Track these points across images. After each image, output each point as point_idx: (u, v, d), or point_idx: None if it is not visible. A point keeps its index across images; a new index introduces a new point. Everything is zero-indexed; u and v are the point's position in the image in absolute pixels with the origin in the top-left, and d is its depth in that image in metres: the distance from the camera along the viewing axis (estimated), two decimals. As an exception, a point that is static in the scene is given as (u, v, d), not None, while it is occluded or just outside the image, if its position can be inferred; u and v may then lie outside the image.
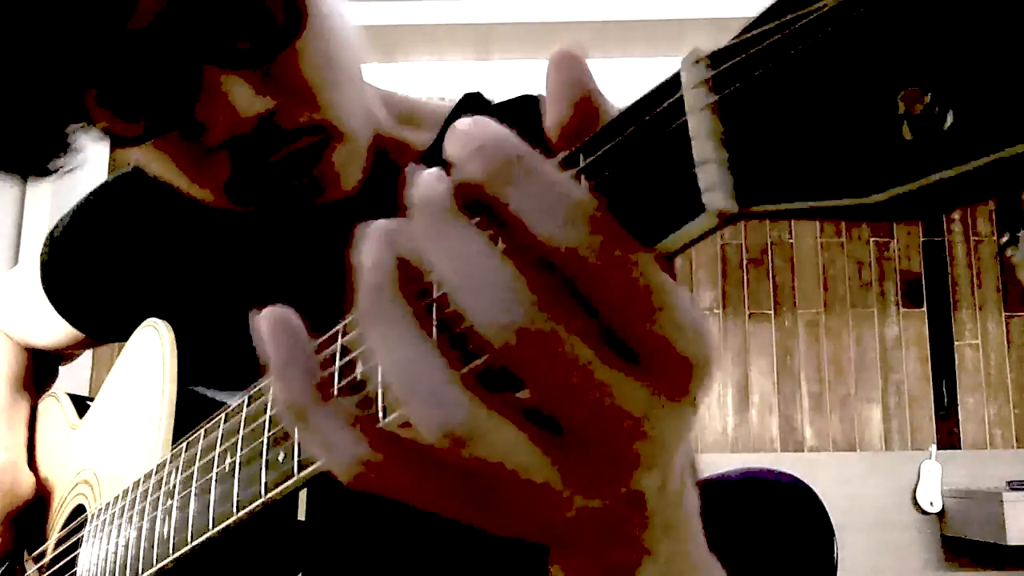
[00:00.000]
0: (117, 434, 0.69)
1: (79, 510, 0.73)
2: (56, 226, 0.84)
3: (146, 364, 0.65)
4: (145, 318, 0.70)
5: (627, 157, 0.25)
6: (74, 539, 0.71)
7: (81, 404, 0.83)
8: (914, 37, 0.18)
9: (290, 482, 0.38)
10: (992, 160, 0.17)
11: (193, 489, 0.49)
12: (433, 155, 0.64)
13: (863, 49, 0.19)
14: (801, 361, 3.15)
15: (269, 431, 0.41)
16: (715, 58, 0.22)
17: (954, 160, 0.17)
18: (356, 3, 0.61)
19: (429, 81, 3.08)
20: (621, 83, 3.56)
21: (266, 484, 0.40)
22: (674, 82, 0.24)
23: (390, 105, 0.68)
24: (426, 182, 0.26)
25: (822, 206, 0.20)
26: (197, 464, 0.50)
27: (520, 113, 0.67)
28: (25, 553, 0.82)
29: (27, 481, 0.81)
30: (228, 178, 0.53)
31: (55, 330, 0.87)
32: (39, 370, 0.94)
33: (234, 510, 0.44)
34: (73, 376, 1.02)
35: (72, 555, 0.70)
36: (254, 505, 0.42)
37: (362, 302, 0.27)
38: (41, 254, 0.85)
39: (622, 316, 0.24)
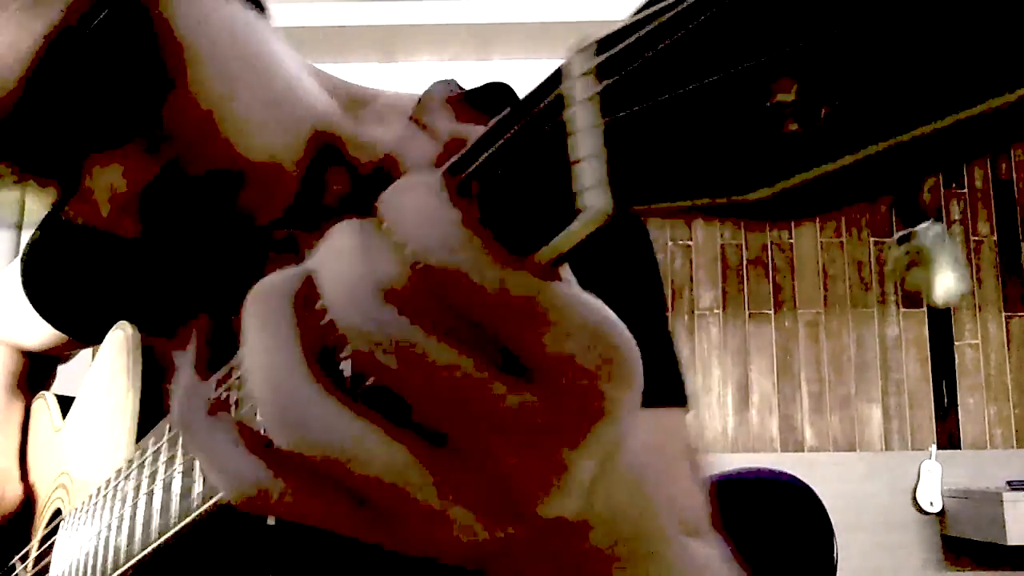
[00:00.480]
0: (88, 437, 0.69)
1: (57, 513, 0.74)
2: (36, 229, 0.85)
3: (115, 366, 0.66)
4: (121, 317, 0.70)
5: (506, 159, 0.23)
6: (50, 542, 0.72)
7: (66, 404, 0.84)
8: (783, 22, 0.16)
9: (220, 495, 0.37)
10: (870, 153, 0.16)
11: (142, 497, 0.49)
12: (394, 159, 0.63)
13: (736, 36, 0.17)
14: (801, 361, 3.15)
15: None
16: (602, 44, 0.21)
17: (829, 155, 0.16)
18: (356, 3, 0.60)
19: (429, 81, 3.08)
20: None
21: (203, 495, 0.40)
22: (558, 73, 0.22)
23: (349, 99, 0.66)
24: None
25: (703, 204, 0.19)
26: (145, 473, 0.50)
27: (490, 101, 0.66)
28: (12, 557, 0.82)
29: (13, 492, 0.81)
30: (138, 230, 0.52)
31: (40, 332, 0.87)
32: (35, 371, 0.94)
33: (173, 521, 0.43)
34: (71, 375, 1.02)
35: (47, 560, 0.71)
36: (188, 519, 0.41)
37: (248, 301, 0.26)
38: (21, 256, 0.85)
39: (501, 329, 0.23)
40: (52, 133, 0.46)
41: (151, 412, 0.59)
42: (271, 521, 0.54)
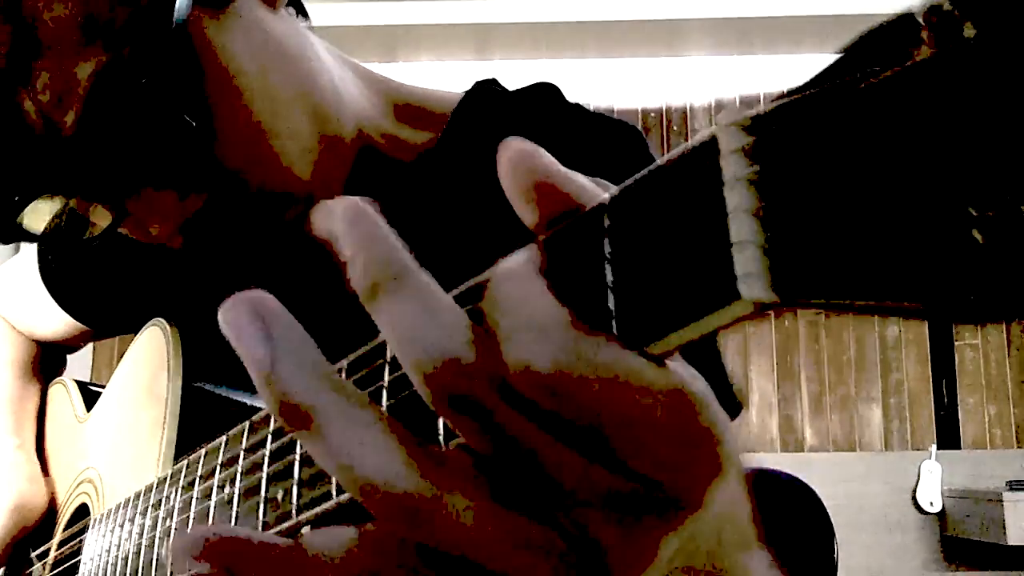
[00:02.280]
0: (122, 435, 0.69)
1: (82, 509, 0.73)
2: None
3: (151, 365, 0.65)
4: (146, 310, 0.70)
5: (653, 221, 0.22)
6: (76, 542, 0.71)
7: (88, 394, 0.83)
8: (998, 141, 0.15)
9: (287, 524, 0.37)
10: None
11: (192, 514, 0.49)
12: (436, 154, 0.64)
13: (937, 131, 0.16)
14: (801, 361, 3.15)
15: (268, 467, 0.40)
16: (756, 123, 0.20)
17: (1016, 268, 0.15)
18: (356, 3, 0.60)
19: (429, 81, 3.08)
20: (621, 83, 3.55)
21: (265, 522, 0.39)
22: (711, 146, 0.20)
23: (394, 99, 0.67)
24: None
25: (876, 306, 0.17)
26: (197, 488, 0.49)
27: (536, 104, 0.65)
28: (30, 549, 0.82)
29: (41, 503, 0.81)
30: (183, 246, 0.53)
31: (56, 322, 0.86)
32: (47, 359, 0.94)
33: None
34: (76, 360, 1.01)
35: (74, 560, 0.70)
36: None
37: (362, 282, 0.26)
38: (38, 246, 0.84)
39: (612, 430, 0.22)
40: (107, 166, 0.47)
41: (192, 416, 0.59)
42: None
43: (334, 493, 0.33)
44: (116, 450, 0.69)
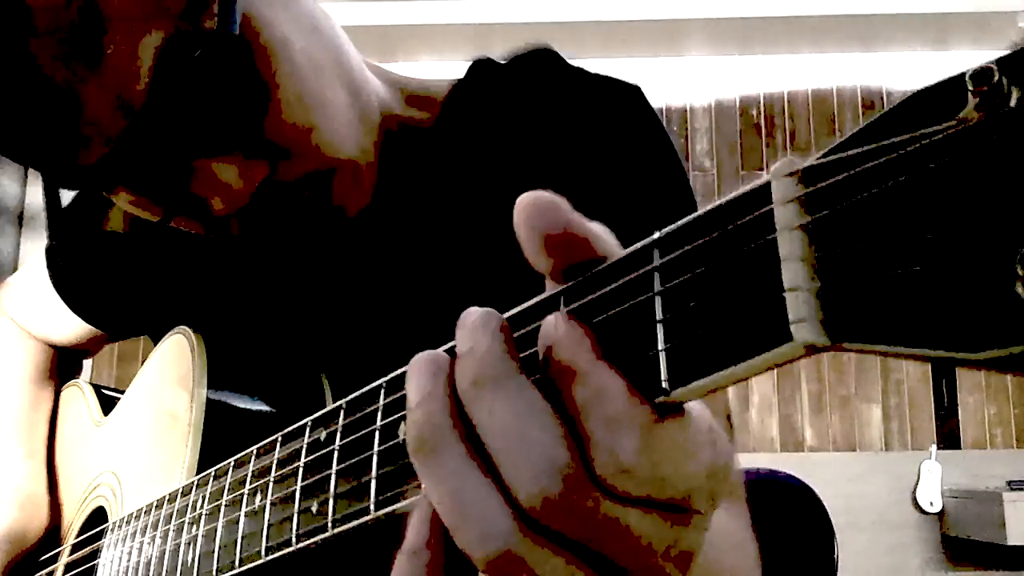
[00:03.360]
0: (144, 439, 0.68)
1: (98, 512, 0.73)
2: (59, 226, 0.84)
3: (175, 373, 0.65)
4: (159, 310, 0.70)
5: (705, 263, 0.22)
6: (93, 546, 0.71)
7: (104, 398, 0.83)
8: None
9: (321, 536, 0.37)
10: None
11: (220, 522, 0.49)
12: (438, 131, 0.65)
13: (985, 192, 0.16)
14: (801, 361, 3.15)
15: (303, 480, 0.40)
16: (808, 174, 0.20)
17: None
18: (356, 3, 0.61)
19: (429, 81, 3.08)
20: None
21: (297, 534, 0.39)
22: (763, 193, 0.21)
23: (399, 86, 0.69)
24: (481, 334, 0.27)
25: (921, 354, 0.18)
26: (226, 497, 0.49)
27: (532, 68, 0.65)
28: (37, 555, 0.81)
29: (38, 525, 0.81)
30: (239, 234, 0.55)
31: (71, 327, 0.86)
32: (63, 363, 0.93)
33: (262, 553, 0.43)
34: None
35: (91, 563, 0.70)
36: (283, 552, 0.41)
37: (410, 436, 0.27)
38: (46, 253, 0.84)
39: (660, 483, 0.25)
40: (166, 138, 0.48)
41: (217, 424, 0.59)
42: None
43: (372, 509, 0.33)
44: (138, 454, 0.68)
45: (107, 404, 0.81)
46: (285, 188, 0.52)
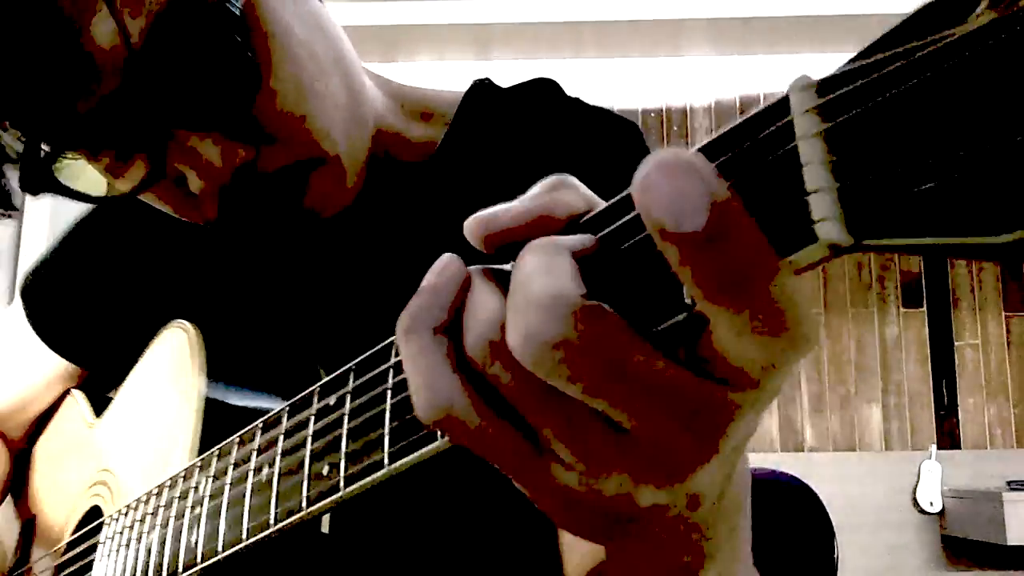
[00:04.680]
0: (141, 434, 0.68)
1: (94, 511, 0.72)
2: (36, 262, 0.83)
3: (172, 365, 0.65)
4: (144, 329, 0.69)
5: (734, 172, 0.23)
6: (90, 542, 0.70)
7: (97, 401, 0.82)
8: None
9: (333, 498, 0.37)
10: None
11: (225, 498, 0.49)
12: (443, 155, 0.64)
13: (995, 83, 0.17)
14: (801, 361, 3.15)
15: (312, 445, 0.40)
16: (824, 85, 0.21)
17: None
18: (356, 3, 0.61)
19: (429, 81, 3.08)
20: (621, 83, 3.55)
21: (308, 497, 0.40)
22: (783, 106, 0.23)
23: (399, 98, 0.68)
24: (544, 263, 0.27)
25: (944, 243, 0.19)
26: (231, 474, 0.49)
27: (536, 99, 0.66)
28: (33, 553, 0.81)
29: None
30: (217, 217, 0.54)
31: (46, 369, 0.84)
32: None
33: (271, 522, 0.43)
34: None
35: (88, 559, 0.70)
36: (293, 519, 0.41)
37: (401, 332, 0.29)
38: (21, 289, 0.83)
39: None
40: (151, 105, 0.48)
41: (215, 417, 0.58)
42: (325, 529, 0.54)
43: (386, 462, 0.33)
44: (134, 450, 0.68)
45: (100, 406, 0.80)
46: (263, 178, 0.52)
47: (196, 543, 0.51)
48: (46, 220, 2.35)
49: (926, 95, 0.19)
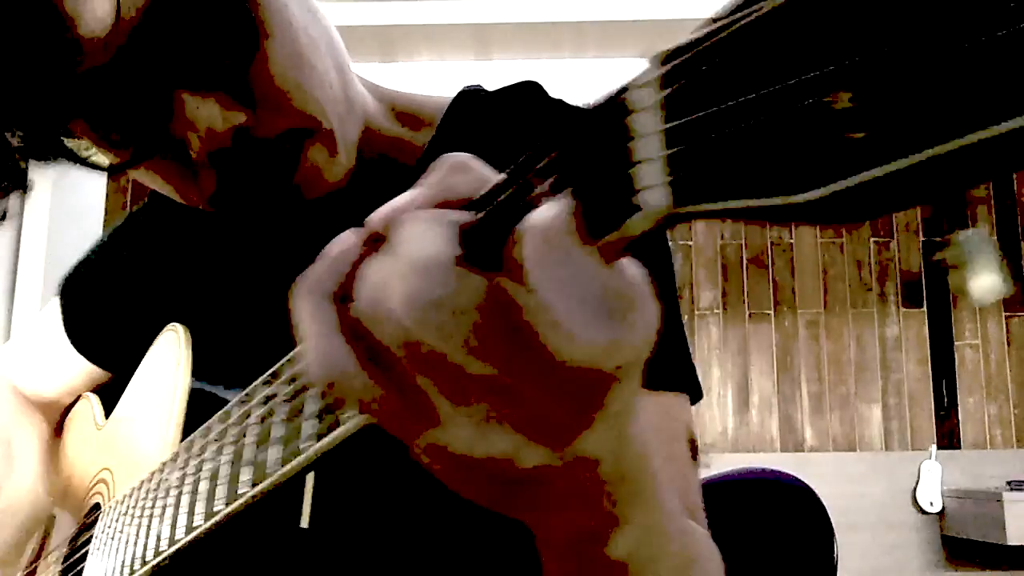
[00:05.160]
0: (133, 431, 0.70)
1: (96, 508, 0.74)
2: (72, 266, 0.86)
3: (163, 365, 0.67)
4: (156, 326, 0.71)
5: (577, 154, 0.25)
6: (86, 536, 0.72)
7: (108, 403, 0.84)
8: (840, 39, 0.18)
9: (270, 479, 0.39)
10: (916, 162, 0.17)
11: (187, 488, 0.50)
12: (431, 154, 0.65)
13: (796, 49, 0.18)
14: (801, 361, 3.15)
15: (252, 434, 0.42)
16: (669, 56, 0.22)
17: (876, 160, 0.17)
18: (356, 3, 0.62)
19: (429, 81, 3.08)
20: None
21: (252, 481, 0.41)
22: (624, 86, 0.24)
23: (388, 101, 0.69)
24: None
25: (751, 206, 0.20)
26: (191, 465, 0.50)
27: (520, 101, 0.67)
28: (48, 550, 0.83)
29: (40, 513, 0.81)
30: (215, 190, 0.55)
31: (67, 375, 0.87)
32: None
33: (220, 508, 0.44)
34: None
35: (83, 551, 0.71)
36: (238, 503, 0.42)
37: (298, 297, 0.30)
38: (59, 292, 0.86)
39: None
40: (153, 67, 0.49)
41: (199, 409, 0.59)
42: (304, 524, 0.54)
43: (311, 444, 0.36)
44: (128, 447, 0.70)
45: (111, 409, 0.82)
46: (259, 144, 0.53)
47: (161, 534, 0.52)
48: (45, 220, 2.35)
49: (738, 57, 0.20)
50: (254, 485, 0.41)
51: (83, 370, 0.86)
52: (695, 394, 0.59)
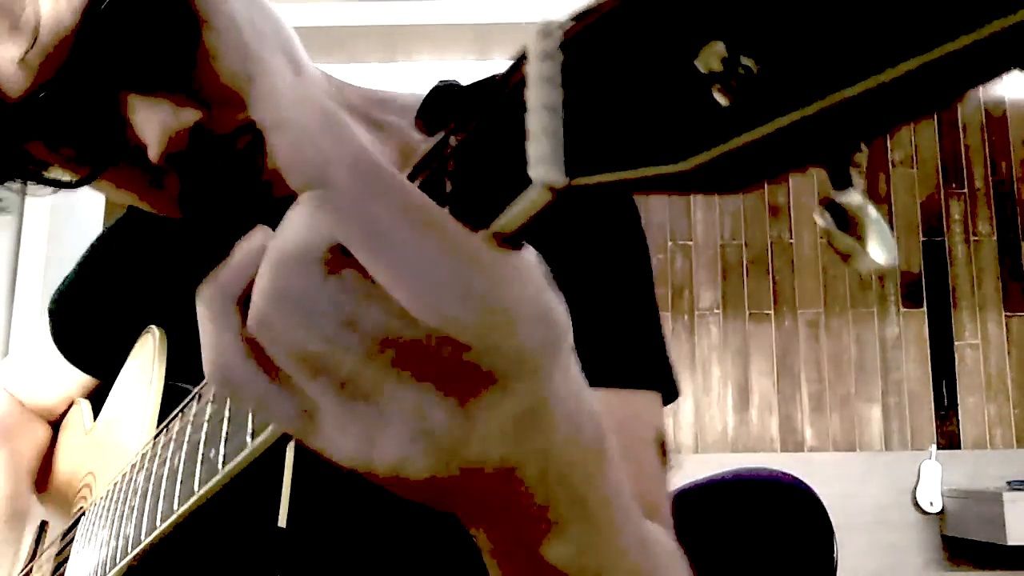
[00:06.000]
0: (111, 435, 0.71)
1: (82, 513, 0.74)
2: (61, 283, 0.87)
3: (141, 367, 0.67)
4: (138, 329, 0.71)
5: (472, 135, 0.25)
6: (67, 539, 0.73)
7: (98, 408, 0.86)
8: None
9: (217, 476, 0.39)
10: (793, 121, 0.16)
11: (150, 488, 0.51)
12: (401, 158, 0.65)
13: (664, 7, 0.18)
14: (801, 361, 3.15)
15: (204, 430, 0.43)
16: (566, 27, 0.22)
17: (755, 122, 0.16)
18: (356, 3, 0.62)
19: (429, 81, 3.08)
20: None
21: (199, 479, 0.42)
22: (520, 58, 0.23)
23: (354, 97, 0.68)
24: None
25: (639, 176, 0.19)
26: (155, 464, 0.51)
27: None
28: (39, 555, 0.83)
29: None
30: (179, 193, 0.54)
31: (64, 385, 0.88)
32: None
33: (175, 507, 0.45)
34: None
35: (64, 554, 0.72)
36: (190, 502, 0.43)
37: (203, 300, 0.30)
38: (48, 308, 0.87)
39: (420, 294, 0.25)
40: (95, 76, 0.49)
41: (173, 405, 0.60)
42: (282, 523, 0.54)
43: (248, 440, 0.36)
44: (108, 451, 0.70)
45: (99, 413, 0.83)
46: (218, 141, 0.52)
47: (129, 535, 0.53)
48: (45, 220, 2.35)
49: (619, 30, 0.20)
50: (204, 483, 0.41)
51: (76, 379, 0.87)
52: (669, 392, 0.58)
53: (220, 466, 0.39)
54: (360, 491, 0.57)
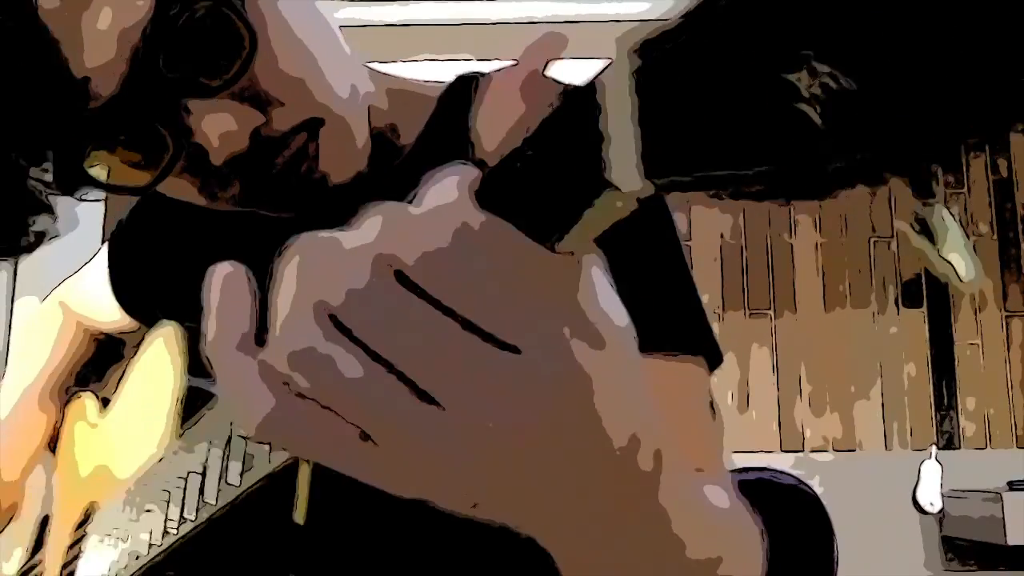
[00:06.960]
0: (128, 431, 0.71)
1: (93, 505, 0.75)
2: (116, 226, 0.89)
3: (158, 364, 0.67)
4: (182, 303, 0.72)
5: (547, 137, 0.25)
6: (79, 532, 0.73)
7: (106, 400, 0.86)
8: (800, 20, 0.18)
9: (236, 492, 0.40)
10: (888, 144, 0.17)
11: (177, 487, 0.50)
12: (423, 141, 0.66)
13: (760, 27, 0.19)
14: (801, 361, 3.15)
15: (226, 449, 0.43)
16: (643, 42, 0.23)
17: (851, 147, 0.17)
18: (356, 3, 0.63)
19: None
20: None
21: (217, 493, 0.43)
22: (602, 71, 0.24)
23: (384, 84, 0.70)
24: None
25: (721, 176, 0.20)
26: (185, 462, 0.51)
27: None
28: (44, 550, 0.83)
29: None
30: (239, 193, 0.56)
31: (116, 316, 0.90)
32: (100, 358, 0.96)
33: (192, 517, 0.45)
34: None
35: (77, 549, 0.72)
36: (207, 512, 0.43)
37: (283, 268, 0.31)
38: (108, 254, 0.88)
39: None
40: (159, 87, 0.51)
41: (194, 408, 0.60)
42: (299, 520, 0.55)
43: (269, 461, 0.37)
44: (123, 446, 0.71)
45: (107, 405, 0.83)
46: (276, 142, 0.55)
47: (154, 529, 0.53)
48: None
49: (704, 44, 0.21)
50: (242, 477, 0.41)
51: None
52: (713, 358, 0.60)
53: (262, 460, 0.39)
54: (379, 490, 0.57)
